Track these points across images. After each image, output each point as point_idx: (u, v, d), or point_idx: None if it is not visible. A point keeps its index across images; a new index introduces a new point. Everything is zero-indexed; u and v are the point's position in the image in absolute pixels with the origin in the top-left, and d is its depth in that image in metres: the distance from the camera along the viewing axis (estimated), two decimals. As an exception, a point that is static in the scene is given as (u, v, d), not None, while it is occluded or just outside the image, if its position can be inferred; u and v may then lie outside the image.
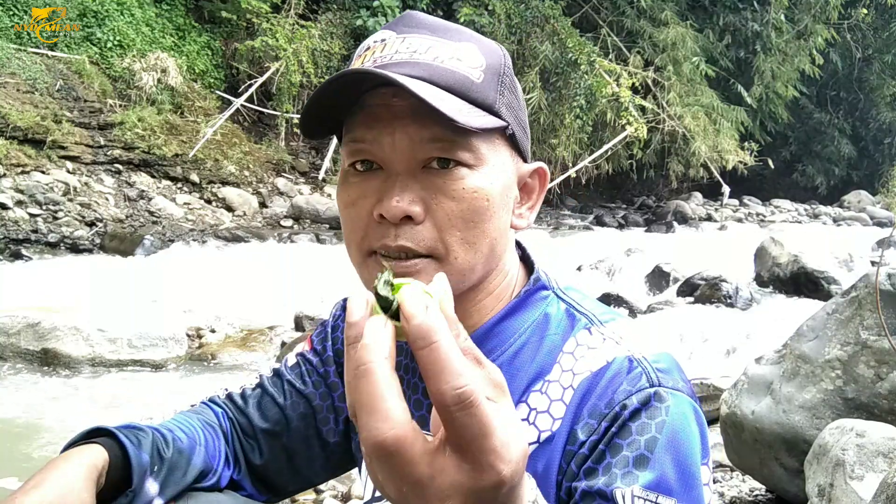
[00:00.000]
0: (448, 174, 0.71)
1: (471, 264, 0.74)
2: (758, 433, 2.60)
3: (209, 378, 4.43)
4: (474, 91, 0.72)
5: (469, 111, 0.70)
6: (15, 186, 8.12)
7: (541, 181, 0.82)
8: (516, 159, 0.79)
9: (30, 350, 4.42)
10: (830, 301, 2.73)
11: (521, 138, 0.79)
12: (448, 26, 0.76)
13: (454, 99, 0.70)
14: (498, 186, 0.74)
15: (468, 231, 0.72)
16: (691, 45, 13.08)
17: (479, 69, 0.73)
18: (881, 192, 18.03)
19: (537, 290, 0.83)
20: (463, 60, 0.73)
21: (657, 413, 0.70)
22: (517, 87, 0.79)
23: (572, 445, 0.72)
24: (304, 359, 0.99)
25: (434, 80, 0.70)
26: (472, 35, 0.77)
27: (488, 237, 0.74)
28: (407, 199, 0.70)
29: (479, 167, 0.72)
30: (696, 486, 0.69)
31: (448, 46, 0.73)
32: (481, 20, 11.12)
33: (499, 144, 0.75)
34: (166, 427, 0.87)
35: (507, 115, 0.75)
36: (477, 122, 0.70)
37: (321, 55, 11.08)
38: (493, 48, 0.77)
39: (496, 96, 0.74)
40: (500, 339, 0.79)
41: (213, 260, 7.68)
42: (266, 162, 11.31)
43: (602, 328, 0.78)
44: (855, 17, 15.93)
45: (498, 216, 0.74)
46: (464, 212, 0.71)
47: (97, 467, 0.73)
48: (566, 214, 13.86)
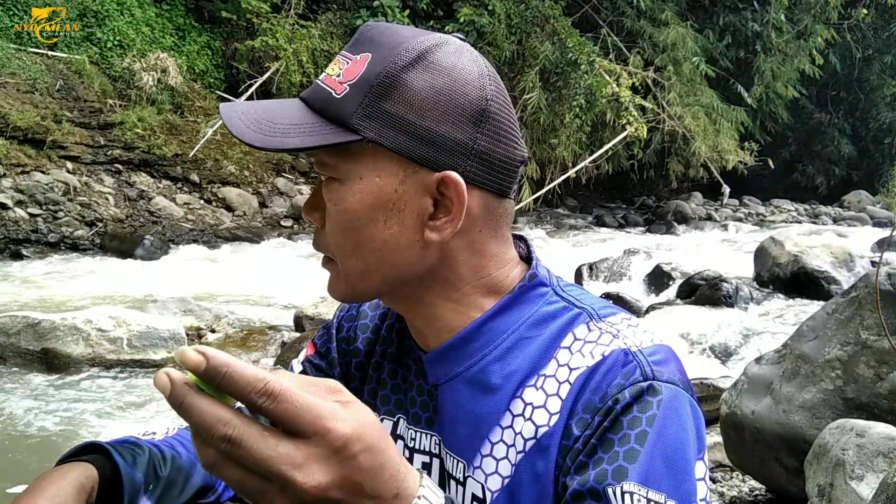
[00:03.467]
0: (326, 187, 0.76)
1: (357, 270, 0.77)
2: (758, 433, 2.60)
3: (209, 378, 4.43)
4: (330, 107, 0.73)
5: (312, 129, 0.72)
6: (15, 186, 8.12)
7: (455, 191, 0.74)
8: (412, 170, 0.74)
9: (30, 350, 4.42)
10: (830, 301, 2.73)
11: (415, 149, 0.73)
12: (368, 38, 0.75)
13: (309, 118, 0.74)
14: (367, 198, 0.74)
15: (344, 240, 0.76)
16: (691, 45, 13.09)
17: (347, 83, 0.73)
18: (881, 192, 18.03)
19: (534, 286, 0.82)
20: (342, 75, 0.74)
21: (648, 407, 0.69)
22: (412, 90, 0.73)
23: (567, 440, 0.71)
24: (310, 364, 0.98)
25: (310, 100, 0.75)
26: (381, 42, 0.74)
27: (368, 247, 0.75)
28: (308, 205, 0.79)
29: (346, 181, 0.74)
30: (686, 480, 0.68)
31: (344, 62, 0.75)
32: (481, 20, 11.12)
33: (372, 158, 0.73)
34: (166, 443, 0.87)
35: (373, 128, 0.72)
36: (307, 140, 0.72)
37: (321, 55, 11.08)
38: (391, 54, 0.73)
39: (355, 109, 0.72)
40: (491, 334, 0.79)
41: (212, 260, 7.69)
42: (266, 162, 11.31)
43: (600, 322, 0.77)
44: (855, 17, 15.93)
45: (374, 227, 0.74)
46: (337, 223, 0.76)
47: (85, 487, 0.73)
48: (566, 214, 13.86)
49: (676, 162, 13.63)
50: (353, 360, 0.95)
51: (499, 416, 0.76)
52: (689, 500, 0.68)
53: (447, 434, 0.81)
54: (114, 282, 6.46)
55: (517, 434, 0.74)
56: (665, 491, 0.66)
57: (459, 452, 0.79)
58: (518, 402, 0.76)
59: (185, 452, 0.87)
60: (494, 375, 0.78)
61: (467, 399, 0.79)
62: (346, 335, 0.97)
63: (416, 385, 0.86)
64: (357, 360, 0.95)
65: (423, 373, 0.84)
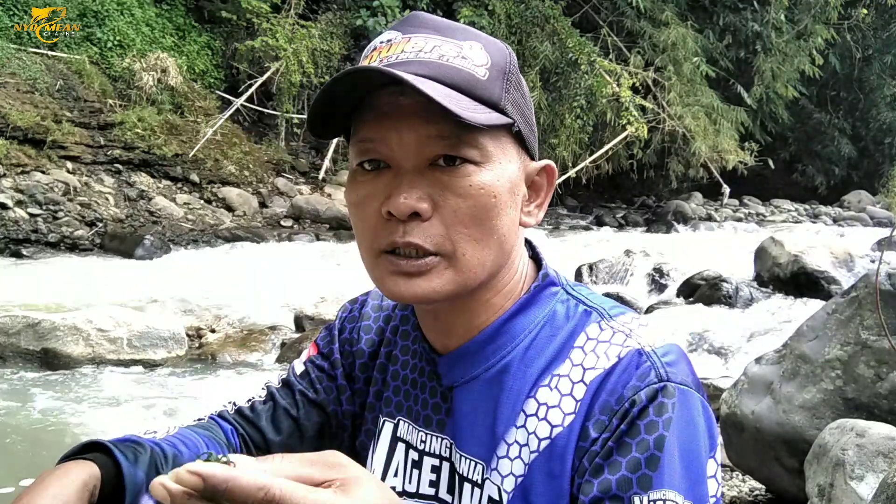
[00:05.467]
0: (455, 171, 0.72)
1: (480, 260, 0.74)
2: (758, 433, 2.60)
3: (209, 378, 4.43)
4: (480, 88, 0.73)
5: (474, 108, 0.71)
6: (15, 186, 8.12)
7: (549, 179, 0.82)
8: (524, 157, 0.79)
9: (30, 350, 4.42)
10: (830, 301, 2.73)
11: (528, 136, 0.79)
12: (453, 26, 0.77)
13: (460, 96, 0.71)
14: (505, 183, 0.74)
15: (475, 228, 0.73)
16: (691, 45, 13.08)
17: (484, 67, 0.74)
18: (881, 192, 18.03)
19: (546, 286, 0.83)
20: (468, 58, 0.73)
21: (664, 409, 0.70)
22: (523, 85, 0.79)
23: (584, 442, 0.72)
24: (314, 365, 0.98)
25: (440, 78, 0.71)
26: (478, 34, 0.77)
27: (496, 234, 0.75)
28: (414, 195, 0.71)
29: (485, 164, 0.73)
30: (702, 481, 0.70)
31: (453, 45, 0.74)
32: (481, 21, 11.12)
33: (505, 142, 0.76)
34: (168, 442, 0.86)
35: (514, 113, 0.75)
36: (482, 118, 0.70)
37: (321, 55, 11.08)
38: (499, 46, 0.77)
39: (501, 93, 0.74)
40: (510, 334, 0.80)
41: (213, 260, 7.69)
42: (266, 162, 11.31)
43: (612, 322, 0.78)
44: (855, 17, 15.92)
45: (505, 213, 0.75)
46: (471, 208, 0.72)
47: (88, 485, 0.73)
48: (566, 214, 13.86)
49: (676, 162, 13.63)
50: (357, 361, 0.95)
51: (514, 417, 0.77)
52: (704, 501, 0.70)
53: (461, 436, 0.80)
54: (114, 282, 6.46)
55: (531, 434, 0.75)
56: (683, 493, 0.68)
57: (476, 454, 0.79)
58: (532, 402, 0.76)
59: (186, 451, 0.86)
60: (511, 376, 0.78)
61: (486, 400, 0.79)
62: (348, 336, 0.97)
63: (429, 387, 0.85)
64: (360, 361, 0.95)
65: (435, 375, 0.84)
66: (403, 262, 0.73)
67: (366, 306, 0.98)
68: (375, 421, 0.91)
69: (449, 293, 0.75)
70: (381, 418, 0.90)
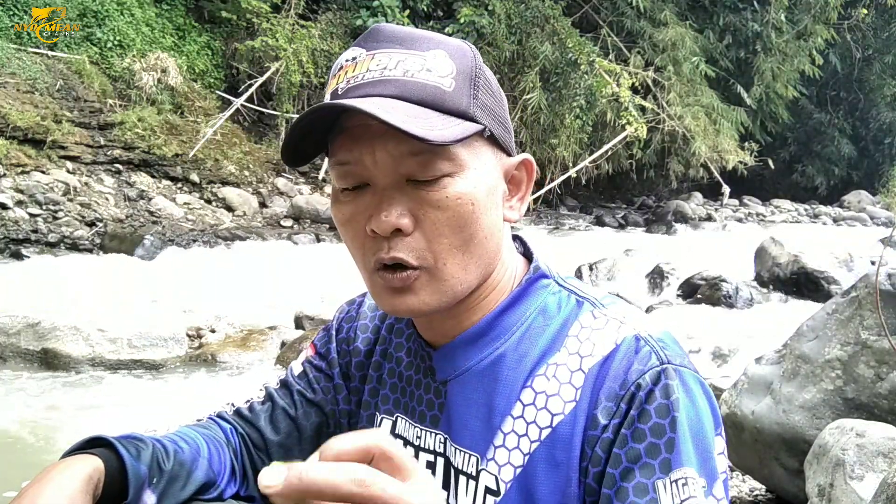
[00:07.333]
0: (431, 186, 0.73)
1: (462, 267, 0.76)
2: (758, 433, 2.60)
3: (209, 378, 4.43)
4: (447, 100, 0.73)
5: (443, 124, 0.72)
6: (15, 186, 8.12)
7: (528, 172, 0.84)
8: (500, 155, 0.80)
9: (30, 350, 4.42)
10: (830, 301, 2.73)
11: (502, 135, 0.79)
12: (415, 35, 0.77)
13: (428, 113, 0.72)
14: (482, 187, 0.75)
15: (456, 236, 0.74)
16: (691, 45, 13.08)
17: (449, 76, 0.74)
18: (881, 192, 18.02)
19: (538, 278, 0.84)
20: (433, 70, 0.74)
21: (670, 391, 0.72)
22: (492, 84, 0.80)
23: (594, 430, 0.73)
24: (311, 365, 0.99)
25: (406, 96, 0.72)
26: (441, 41, 0.77)
27: (478, 237, 0.76)
28: (395, 213, 0.73)
29: (460, 173, 0.74)
30: (710, 458, 0.73)
31: (417, 58, 0.74)
32: (481, 21, 11.11)
33: (478, 147, 0.76)
34: (169, 438, 0.87)
35: (483, 117, 0.76)
36: (451, 133, 0.71)
37: (321, 55, 11.07)
38: (463, 50, 0.77)
39: (469, 101, 0.75)
40: (503, 327, 0.81)
41: (213, 260, 7.69)
42: (266, 162, 11.30)
43: (605, 310, 0.80)
44: (855, 17, 15.92)
45: (485, 215, 0.76)
46: (450, 219, 0.74)
47: (93, 479, 0.73)
48: (566, 214, 13.85)
49: (676, 162, 13.62)
50: (353, 359, 0.96)
51: (510, 407, 0.77)
52: (715, 476, 0.72)
53: (455, 430, 0.81)
54: (114, 282, 6.46)
55: (530, 423, 0.76)
56: (697, 469, 0.71)
57: (471, 446, 0.79)
58: (528, 392, 0.77)
59: (186, 448, 0.87)
60: (505, 367, 0.79)
61: (479, 392, 0.80)
62: (345, 336, 0.98)
63: (424, 383, 0.86)
64: (357, 359, 0.95)
65: (430, 370, 0.85)
66: (391, 277, 0.75)
67: (362, 306, 0.99)
68: (371, 419, 0.91)
69: (439, 304, 0.76)
70: (378, 416, 0.91)
